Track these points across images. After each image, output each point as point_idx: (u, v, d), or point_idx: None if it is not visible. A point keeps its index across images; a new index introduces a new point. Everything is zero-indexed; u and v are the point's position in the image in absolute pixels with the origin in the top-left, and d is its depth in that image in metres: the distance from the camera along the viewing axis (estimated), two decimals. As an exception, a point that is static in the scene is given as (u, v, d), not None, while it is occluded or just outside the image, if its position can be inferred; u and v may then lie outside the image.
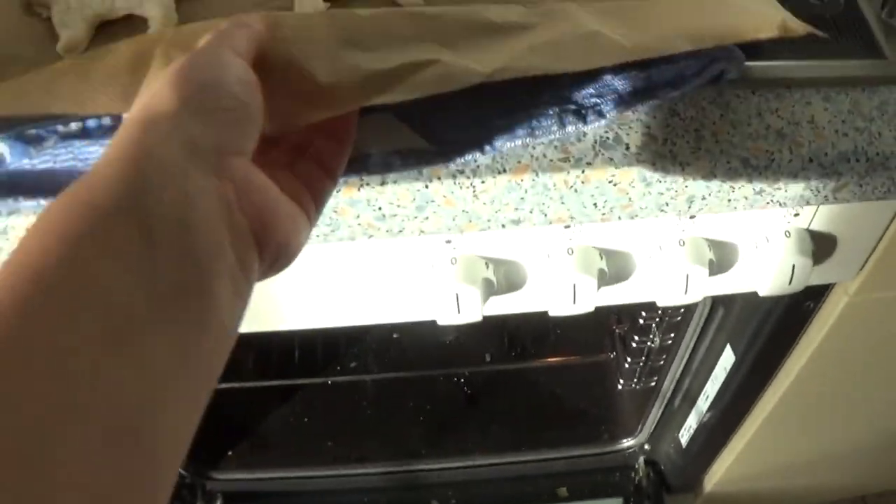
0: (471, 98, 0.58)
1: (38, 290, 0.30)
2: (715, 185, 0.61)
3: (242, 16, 0.47)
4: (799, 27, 0.60)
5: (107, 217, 0.32)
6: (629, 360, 1.22)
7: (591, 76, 0.60)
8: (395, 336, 1.35)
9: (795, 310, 0.92)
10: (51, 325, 0.29)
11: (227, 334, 0.37)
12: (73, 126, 0.60)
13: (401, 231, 0.61)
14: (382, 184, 0.58)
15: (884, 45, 0.69)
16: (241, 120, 0.40)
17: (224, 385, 1.19)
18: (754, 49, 0.63)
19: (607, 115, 0.58)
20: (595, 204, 0.61)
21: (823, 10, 0.70)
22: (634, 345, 1.17)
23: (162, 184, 0.34)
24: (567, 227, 0.69)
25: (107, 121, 0.59)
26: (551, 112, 0.58)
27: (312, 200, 0.47)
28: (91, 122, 0.60)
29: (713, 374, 1.09)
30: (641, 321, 1.12)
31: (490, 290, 0.71)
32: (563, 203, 0.60)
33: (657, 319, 1.11)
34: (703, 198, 0.62)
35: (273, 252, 0.41)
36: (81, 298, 0.30)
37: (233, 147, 0.39)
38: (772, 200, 0.64)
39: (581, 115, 0.58)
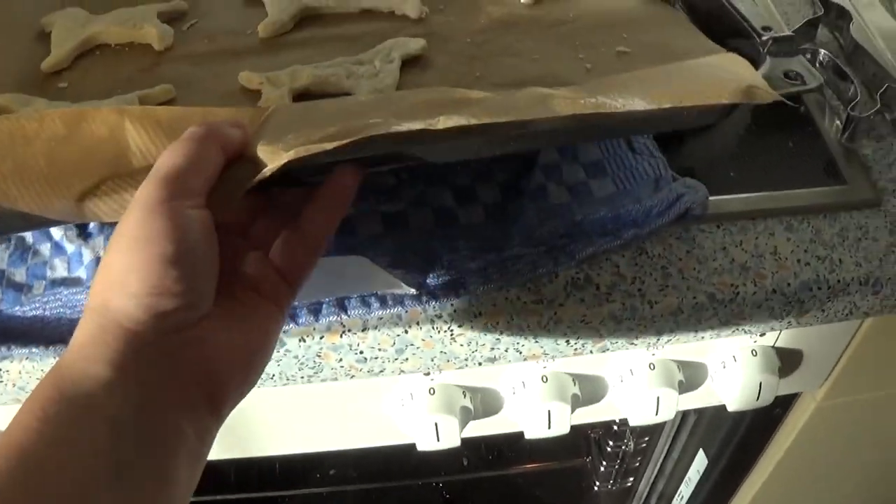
0: (447, 241, 0.61)
1: (17, 463, 0.35)
2: (682, 319, 0.63)
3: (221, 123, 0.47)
4: (765, 94, 0.56)
5: (77, 408, 0.37)
6: (604, 463, 1.23)
7: (560, 215, 0.62)
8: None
9: (765, 416, 0.93)
10: (25, 495, 0.34)
11: (186, 490, 0.41)
12: (60, 271, 0.62)
13: (381, 371, 0.63)
14: (364, 330, 0.60)
15: (844, 169, 0.71)
16: (196, 296, 0.42)
17: (206, 498, 1.19)
18: (718, 184, 0.67)
19: (577, 257, 0.61)
20: (568, 341, 0.63)
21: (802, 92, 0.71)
22: (609, 449, 1.18)
23: (121, 381, 0.38)
24: (541, 357, 0.71)
25: (91, 267, 0.62)
26: (522, 254, 0.60)
27: (289, 286, 0.48)
28: (76, 270, 0.62)
29: (687, 476, 1.10)
30: (616, 427, 1.13)
31: (468, 416, 0.73)
32: (536, 342, 0.62)
33: (630, 424, 1.12)
34: (672, 330, 0.64)
35: (235, 395, 0.44)
36: (52, 473, 0.35)
37: (189, 321, 0.42)
38: (737, 329, 0.66)
39: (552, 256, 0.61)
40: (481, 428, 0.78)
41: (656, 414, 0.75)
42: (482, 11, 0.74)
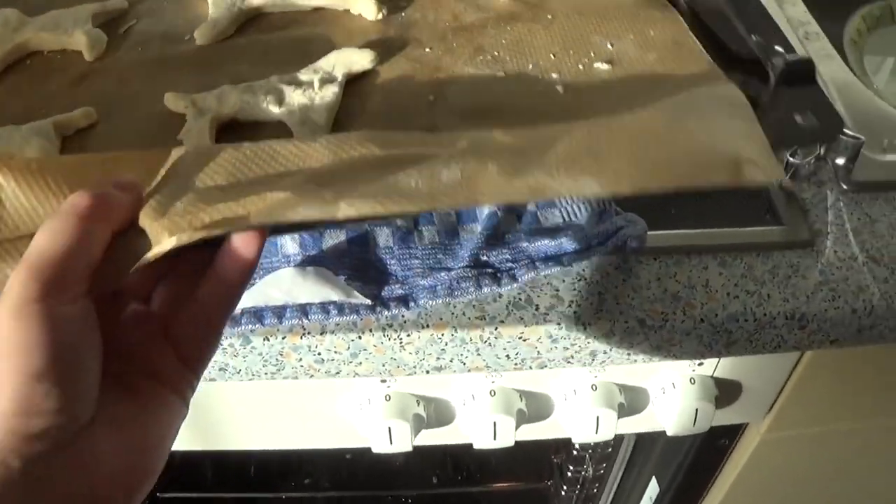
0: (403, 260, 0.66)
1: None
2: (615, 341, 0.68)
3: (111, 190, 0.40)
4: (759, 174, 0.43)
5: None
6: (565, 487, 1.26)
7: (508, 242, 0.68)
8: (347, 457, 1.38)
9: (712, 446, 0.98)
10: None
11: None
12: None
13: (338, 373, 0.68)
14: (322, 333, 0.65)
15: (783, 212, 0.74)
16: (73, 409, 0.36)
17: (184, 495, 1.23)
18: (658, 219, 0.70)
19: (520, 279, 0.66)
20: (508, 356, 0.68)
21: (816, 136, 0.63)
22: (570, 474, 1.21)
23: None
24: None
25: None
26: (469, 274, 0.66)
27: (190, 370, 0.43)
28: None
29: (641, 503, 1.14)
30: (576, 452, 1.17)
31: (420, 424, 0.78)
32: (479, 355, 0.68)
33: (590, 451, 1.16)
34: (605, 352, 0.69)
35: (137, 496, 0.39)
36: None
37: (65, 437, 0.36)
38: (668, 354, 0.71)
39: (496, 277, 0.66)
40: (434, 437, 0.83)
41: (596, 433, 0.80)
42: (448, 11, 0.70)
